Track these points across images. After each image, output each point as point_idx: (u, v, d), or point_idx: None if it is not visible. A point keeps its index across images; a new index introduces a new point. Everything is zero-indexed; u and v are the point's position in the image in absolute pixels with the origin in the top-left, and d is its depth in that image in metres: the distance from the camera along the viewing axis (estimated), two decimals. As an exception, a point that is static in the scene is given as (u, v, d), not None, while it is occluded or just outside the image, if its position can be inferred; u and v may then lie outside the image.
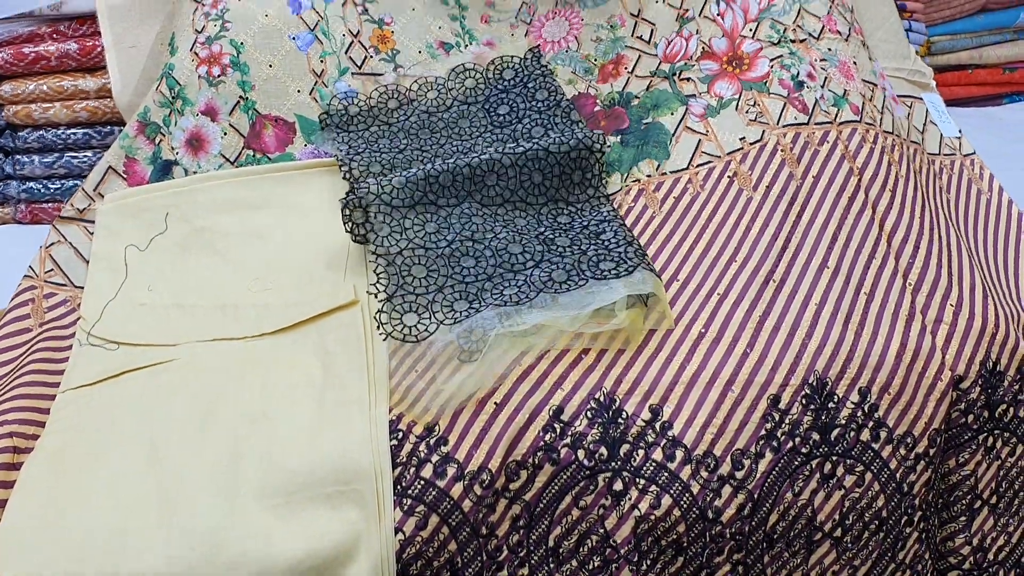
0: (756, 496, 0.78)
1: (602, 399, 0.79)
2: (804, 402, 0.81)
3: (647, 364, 0.82)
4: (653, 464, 0.78)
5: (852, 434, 0.81)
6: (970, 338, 0.86)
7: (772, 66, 1.04)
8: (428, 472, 0.76)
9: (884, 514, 0.82)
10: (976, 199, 1.08)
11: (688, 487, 0.77)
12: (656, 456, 0.78)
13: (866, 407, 0.82)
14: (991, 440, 0.88)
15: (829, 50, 1.05)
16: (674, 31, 1.10)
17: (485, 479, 0.76)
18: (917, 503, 0.83)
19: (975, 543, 0.89)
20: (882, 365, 0.83)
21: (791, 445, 0.80)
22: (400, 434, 0.78)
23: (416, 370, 0.82)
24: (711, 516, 0.77)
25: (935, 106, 1.14)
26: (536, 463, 0.77)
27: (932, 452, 0.83)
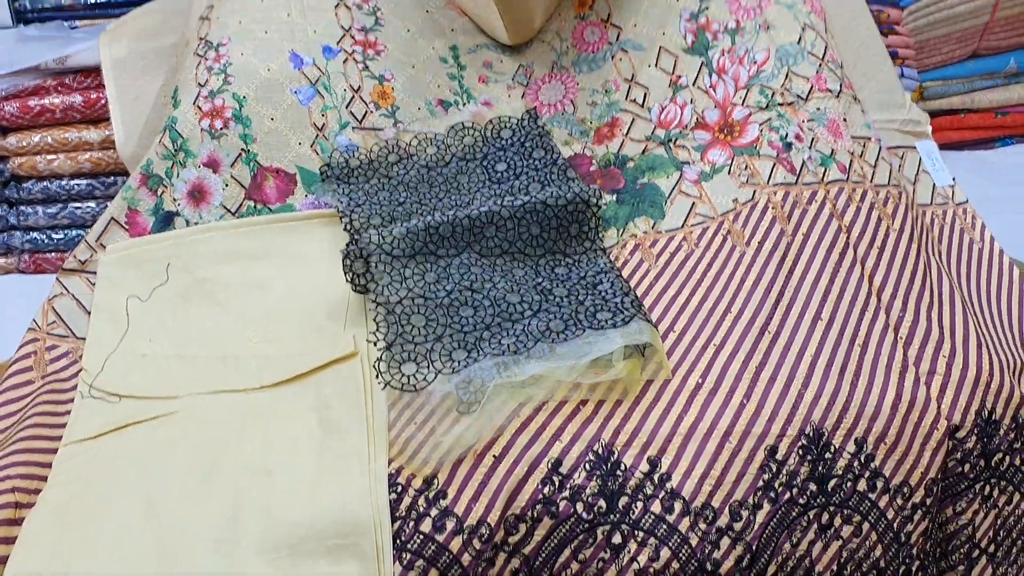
0: (754, 548, 0.78)
1: (600, 451, 0.80)
2: (801, 452, 0.81)
3: (645, 415, 0.83)
4: (652, 516, 0.78)
5: (849, 484, 0.82)
6: (965, 387, 0.87)
7: (761, 130, 1.06)
8: (427, 526, 0.76)
9: (882, 564, 0.82)
10: (968, 249, 1.09)
11: (687, 539, 0.78)
12: (654, 508, 0.78)
13: (862, 457, 0.83)
14: (988, 489, 0.88)
15: (818, 109, 1.07)
16: (668, 97, 1.13)
17: (484, 533, 0.76)
18: (915, 553, 0.83)
19: (974, 592, 0.89)
20: (878, 415, 0.84)
21: (788, 496, 0.80)
22: (399, 487, 0.79)
23: (415, 421, 0.82)
24: (709, 568, 0.77)
25: (929, 154, 1.16)
26: (535, 516, 0.78)
27: (929, 502, 0.84)
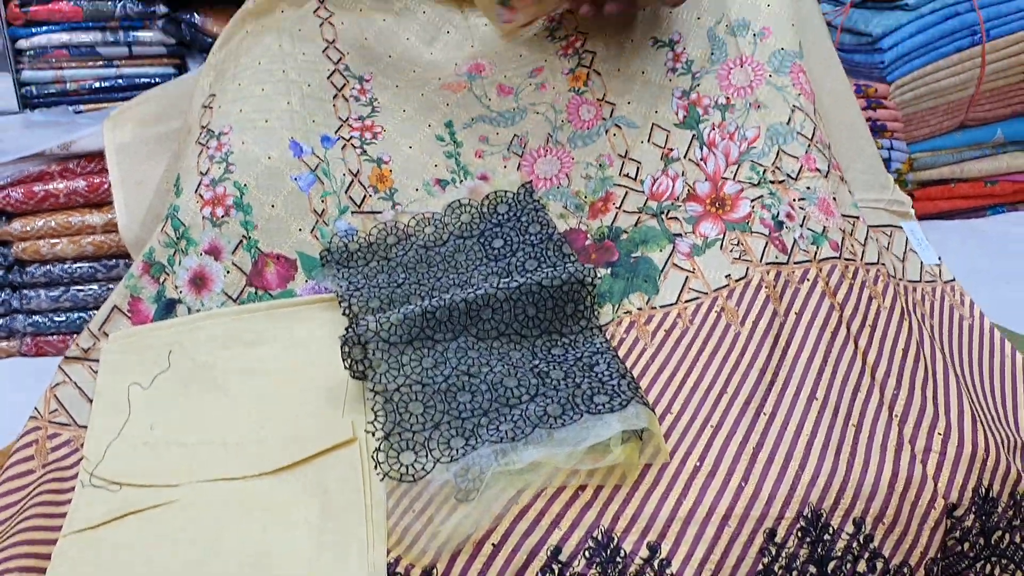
0: (756, 633, 0.78)
1: (600, 537, 0.80)
2: (800, 535, 0.81)
3: (644, 499, 0.83)
4: (652, 603, 0.78)
5: (848, 566, 0.82)
6: (961, 465, 0.87)
7: (753, 206, 1.08)
8: (427, 617, 0.76)
9: (885, 647, 0.82)
10: (959, 325, 1.11)
11: (687, 626, 0.77)
12: (655, 594, 0.78)
13: (861, 538, 0.83)
14: (989, 567, 0.88)
15: (808, 188, 1.09)
16: (659, 169, 1.14)
17: (484, 623, 0.76)
18: (918, 635, 0.83)
19: (980, 673, 0.88)
20: (875, 495, 0.84)
21: (788, 579, 0.80)
22: (398, 576, 0.79)
23: (413, 510, 0.83)
24: (711, 655, 0.77)
25: (914, 234, 1.18)
26: (535, 605, 0.77)
27: (930, 582, 0.84)
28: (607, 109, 1.22)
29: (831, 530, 0.82)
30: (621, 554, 0.79)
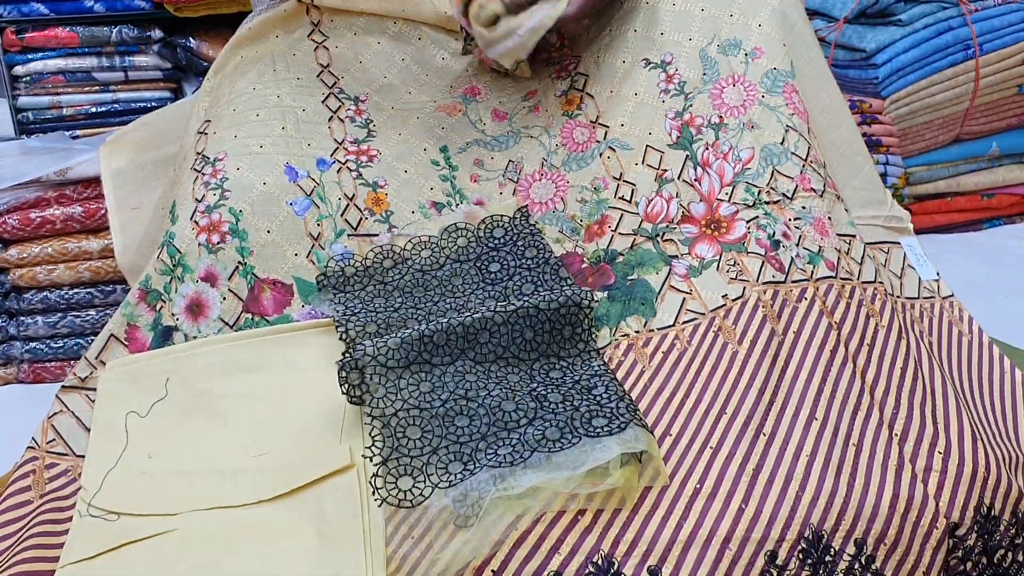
0: (759, 657, 0.78)
1: (600, 562, 0.80)
2: (801, 556, 0.81)
3: (644, 523, 0.82)
4: (653, 628, 0.77)
5: (851, 587, 0.81)
6: (962, 484, 0.87)
7: (749, 227, 1.08)
8: (427, 647, 0.76)
9: (890, 669, 0.81)
10: (958, 341, 1.10)
11: (690, 652, 0.77)
12: (656, 619, 0.78)
13: (863, 559, 0.82)
14: (992, 586, 0.88)
15: (803, 208, 1.09)
16: (654, 191, 1.15)
17: (484, 653, 0.75)
18: (922, 656, 0.82)
19: None
20: (876, 515, 0.83)
21: (790, 602, 0.80)
22: (398, 606, 0.78)
23: (412, 536, 0.82)
24: None
25: (912, 249, 1.18)
26: (536, 633, 0.77)
27: (933, 602, 0.83)
28: (600, 131, 1.22)
29: (833, 551, 0.82)
30: (622, 579, 0.79)
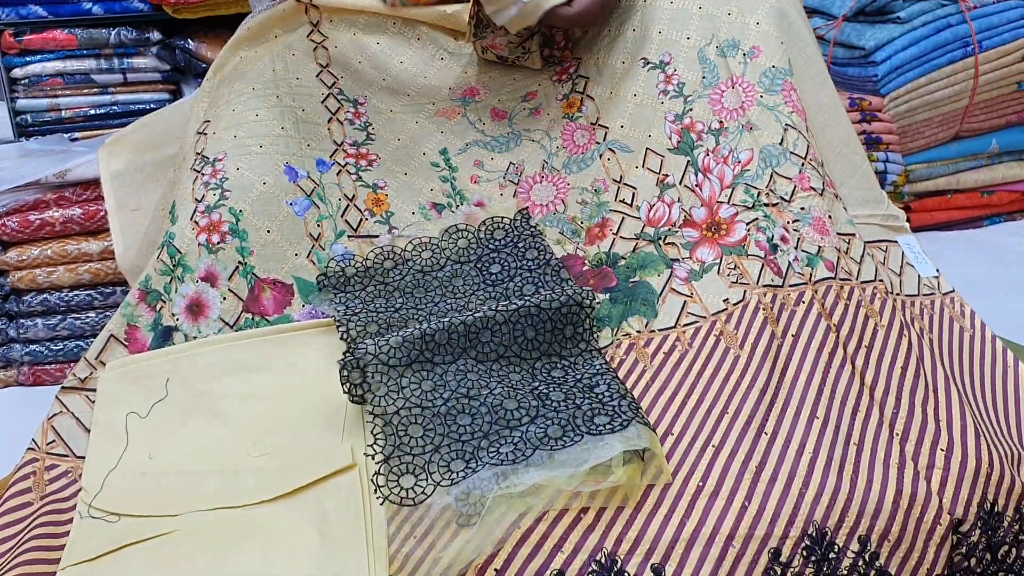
0: (763, 655, 0.77)
1: (603, 560, 0.79)
2: (805, 554, 0.81)
3: (647, 521, 0.82)
4: (657, 626, 0.77)
5: (855, 584, 0.81)
6: (965, 480, 0.87)
7: (748, 230, 1.08)
8: (430, 646, 0.75)
9: (894, 666, 0.81)
10: (960, 337, 1.10)
11: (694, 649, 0.77)
12: (660, 618, 0.77)
13: (867, 556, 0.82)
14: (996, 583, 0.88)
15: (802, 209, 1.09)
16: (655, 195, 1.15)
17: (488, 651, 0.75)
18: (927, 653, 0.82)
19: None
20: (880, 512, 0.83)
21: (795, 599, 0.79)
22: (400, 606, 0.78)
23: (415, 536, 0.82)
24: None
25: (911, 247, 1.18)
26: (539, 632, 0.77)
27: (938, 599, 0.83)
28: (600, 133, 1.22)
29: (836, 548, 0.81)
30: (625, 577, 0.79)
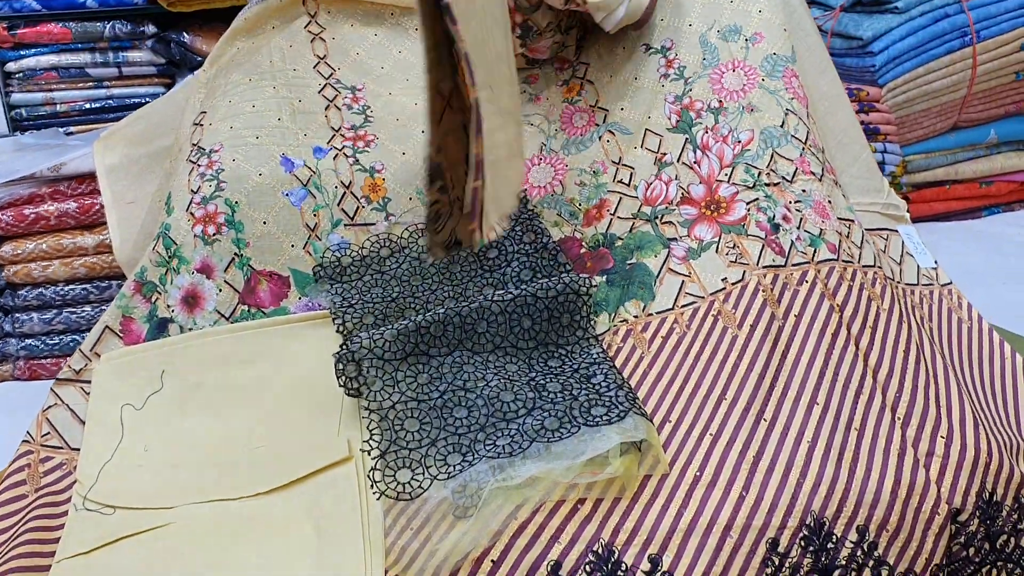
0: (761, 645, 0.77)
1: (600, 551, 0.79)
2: (803, 544, 0.80)
3: (644, 511, 0.82)
4: (655, 616, 0.77)
5: (853, 574, 0.80)
6: (964, 470, 0.86)
7: (749, 209, 1.07)
8: (426, 638, 0.75)
9: (892, 656, 0.81)
10: (958, 328, 1.10)
11: (691, 640, 0.76)
12: (657, 608, 0.77)
13: (865, 546, 0.81)
14: (994, 572, 0.87)
15: (803, 191, 1.08)
16: (653, 174, 1.14)
17: (484, 642, 0.75)
18: (925, 643, 0.82)
19: None
20: (878, 502, 0.83)
21: (793, 589, 0.79)
22: (397, 596, 0.78)
23: (411, 528, 0.81)
24: (716, 669, 0.76)
25: (910, 238, 1.17)
26: (536, 622, 0.76)
27: (936, 588, 0.83)
28: (600, 115, 1.21)
29: (835, 538, 0.81)
30: (622, 568, 0.78)
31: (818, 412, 0.89)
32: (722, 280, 1.02)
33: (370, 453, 0.86)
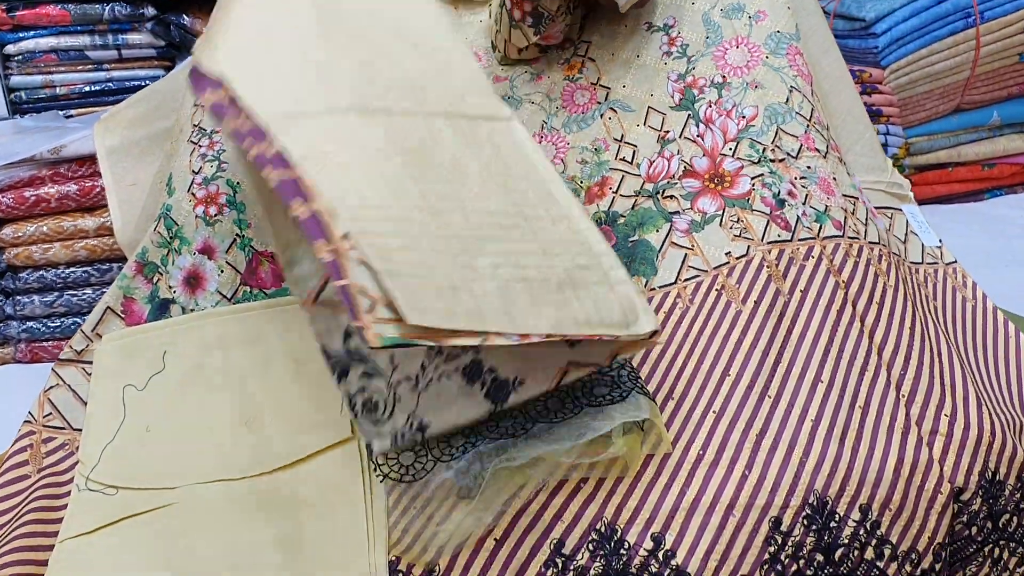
0: (763, 623, 0.77)
1: (603, 529, 0.79)
2: (806, 523, 0.80)
3: (647, 490, 0.82)
4: (657, 595, 0.77)
5: (856, 553, 0.81)
6: (967, 448, 0.86)
7: (754, 184, 1.06)
8: (430, 615, 0.75)
9: (894, 634, 0.81)
10: (962, 307, 1.10)
11: (694, 617, 0.76)
12: (660, 586, 0.77)
13: (868, 524, 0.81)
14: (997, 551, 0.87)
15: (808, 168, 1.07)
16: (656, 151, 1.13)
17: (488, 619, 0.75)
18: (927, 621, 0.82)
19: (990, 658, 0.87)
20: (881, 480, 0.83)
21: (795, 568, 0.79)
22: (400, 574, 0.78)
23: (414, 507, 0.81)
24: (719, 646, 0.76)
25: (915, 216, 1.17)
26: (539, 600, 0.76)
27: (938, 567, 0.83)
28: (602, 93, 1.21)
29: (837, 517, 0.81)
30: (625, 546, 0.78)
31: (822, 390, 0.88)
32: (726, 254, 1.01)
33: (373, 434, 0.86)
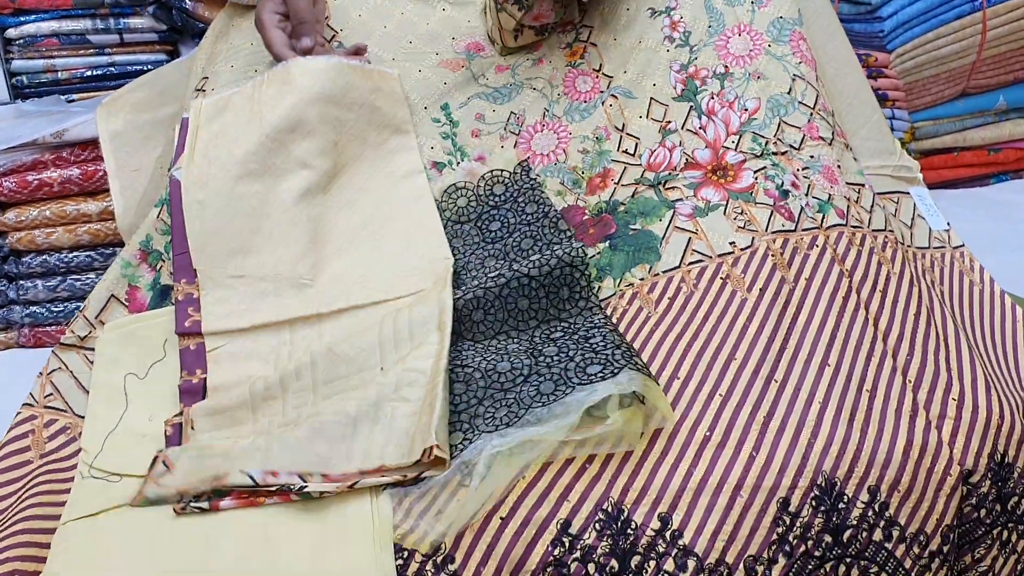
0: (771, 604, 0.77)
1: (610, 509, 0.79)
2: (814, 504, 0.80)
3: (654, 470, 0.81)
4: (665, 575, 0.76)
5: (864, 534, 0.80)
6: (976, 431, 0.86)
7: (756, 177, 1.05)
8: (436, 593, 0.75)
9: (902, 615, 0.81)
10: (969, 291, 1.09)
11: (701, 598, 0.76)
12: (668, 567, 0.76)
13: (876, 506, 0.81)
14: (1006, 534, 0.87)
15: (811, 157, 1.07)
16: (657, 142, 1.12)
17: (494, 598, 0.75)
18: (935, 603, 0.82)
19: (997, 640, 0.87)
20: (890, 462, 0.82)
21: (804, 549, 0.79)
22: (405, 553, 0.77)
23: (418, 488, 0.81)
24: (726, 627, 0.76)
25: (923, 199, 1.16)
26: (546, 579, 0.76)
27: (947, 549, 0.82)
28: (604, 81, 1.20)
29: (846, 498, 0.81)
30: (632, 526, 0.78)
31: (829, 374, 0.88)
32: (730, 244, 1.00)
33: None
